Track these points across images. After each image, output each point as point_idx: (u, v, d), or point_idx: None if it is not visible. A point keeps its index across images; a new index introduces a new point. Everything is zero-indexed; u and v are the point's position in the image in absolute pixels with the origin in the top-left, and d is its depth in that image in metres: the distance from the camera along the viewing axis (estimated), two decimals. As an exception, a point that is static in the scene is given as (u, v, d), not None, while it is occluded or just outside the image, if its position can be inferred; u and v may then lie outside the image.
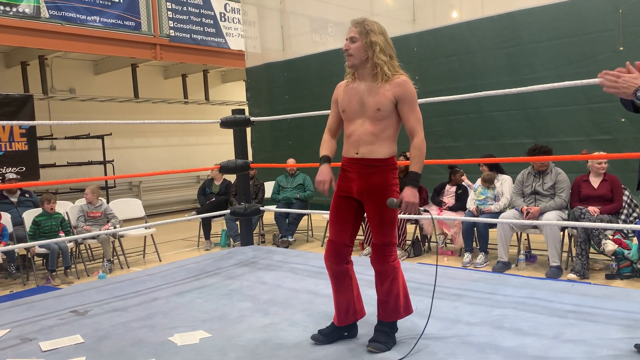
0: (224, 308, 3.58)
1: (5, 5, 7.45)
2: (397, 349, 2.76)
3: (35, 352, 2.96)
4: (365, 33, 2.71)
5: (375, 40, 2.70)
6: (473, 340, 2.81)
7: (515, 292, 3.57)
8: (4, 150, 7.90)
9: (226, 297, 3.83)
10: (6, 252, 5.66)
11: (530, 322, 3.00)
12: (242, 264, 4.87)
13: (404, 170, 6.22)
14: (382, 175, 2.72)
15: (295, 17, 9.50)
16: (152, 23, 9.24)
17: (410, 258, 5.97)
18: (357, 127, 2.75)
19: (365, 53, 2.70)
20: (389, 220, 2.72)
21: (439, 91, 6.22)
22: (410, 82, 2.74)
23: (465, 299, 3.51)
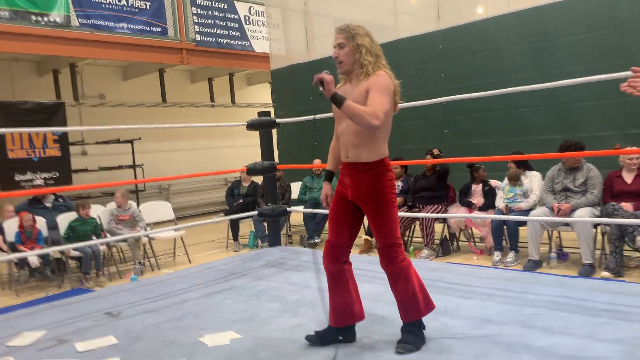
0: (253, 309, 3.61)
1: (37, 15, 7.66)
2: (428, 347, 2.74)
3: (71, 353, 3.03)
4: (352, 37, 2.74)
5: (362, 42, 2.73)
6: (504, 339, 2.77)
7: (547, 290, 3.51)
8: (39, 157, 8.14)
9: (255, 298, 3.86)
10: (42, 256, 5.82)
11: (562, 322, 2.95)
12: (270, 264, 4.90)
13: (431, 168, 6.18)
14: (370, 179, 2.70)
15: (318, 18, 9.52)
16: (178, 28, 9.38)
17: (438, 257, 5.92)
18: (344, 129, 2.79)
19: (353, 56, 2.73)
20: (387, 222, 2.71)
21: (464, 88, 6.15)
22: (387, 76, 2.70)
23: (495, 298, 3.47)
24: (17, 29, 7.47)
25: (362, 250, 6.39)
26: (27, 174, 7.99)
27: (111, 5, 8.45)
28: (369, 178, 2.70)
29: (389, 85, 2.68)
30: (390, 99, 2.68)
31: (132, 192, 10.14)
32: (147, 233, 6.18)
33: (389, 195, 2.71)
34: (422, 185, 6.19)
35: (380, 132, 2.69)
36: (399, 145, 7.34)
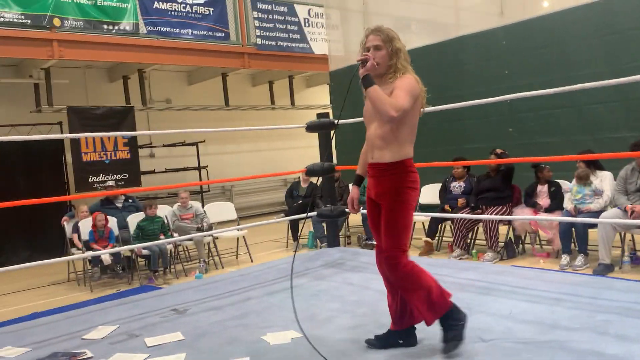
0: (313, 308, 3.64)
1: (108, 24, 8.06)
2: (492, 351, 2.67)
3: (141, 347, 3.17)
4: (389, 40, 2.72)
5: (399, 46, 2.72)
6: (573, 346, 2.66)
7: (620, 296, 3.34)
8: (110, 159, 8.56)
9: (315, 298, 3.89)
10: (114, 254, 6.11)
11: (638, 329, 2.80)
12: (329, 265, 4.93)
13: (495, 168, 6.01)
14: (391, 178, 2.70)
15: (378, 17, 9.47)
16: (240, 33, 9.59)
17: (503, 260, 5.75)
18: (371, 132, 2.79)
19: (390, 60, 2.71)
20: (398, 223, 2.67)
21: (529, 85, 5.96)
22: (413, 79, 2.67)
23: (564, 303, 3.33)
24: (91, 37, 7.89)
25: (422, 252, 6.31)
26: (99, 175, 8.43)
27: (176, 12, 8.77)
28: (389, 177, 2.71)
29: (415, 87, 2.66)
30: (413, 99, 2.64)
31: (197, 193, 10.47)
32: (212, 232, 6.37)
33: (406, 196, 2.68)
34: (485, 186, 6.04)
35: (404, 133, 2.69)
36: (461, 145, 7.19)
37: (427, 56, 7.79)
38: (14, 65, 8.77)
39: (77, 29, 7.77)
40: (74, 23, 7.74)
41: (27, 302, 5.73)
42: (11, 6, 7.20)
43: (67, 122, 8.42)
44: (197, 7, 9.01)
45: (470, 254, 6.00)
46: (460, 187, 6.38)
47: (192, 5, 8.94)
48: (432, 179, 7.01)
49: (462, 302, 3.44)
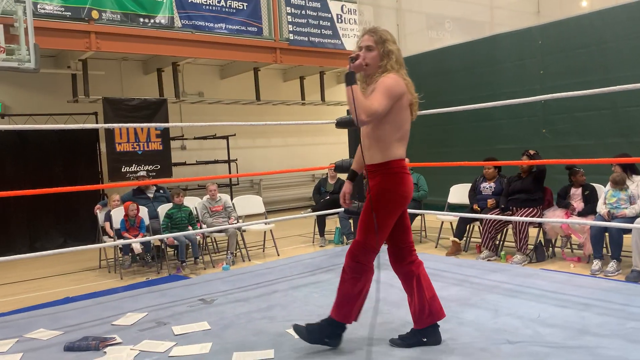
0: (339, 304, 3.65)
1: (145, 18, 8.20)
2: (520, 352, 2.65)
3: (169, 335, 3.24)
4: (382, 42, 2.71)
5: (392, 48, 2.70)
6: (602, 352, 2.61)
7: (653, 304, 3.26)
8: (143, 150, 8.72)
9: (341, 294, 3.90)
10: (144, 243, 6.24)
11: (670, 339, 2.73)
12: (356, 261, 4.93)
13: (527, 170, 5.92)
14: (376, 180, 2.71)
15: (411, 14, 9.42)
16: (273, 28, 9.64)
17: (532, 263, 5.66)
18: (362, 132, 2.81)
19: (380, 61, 2.70)
20: (371, 223, 2.70)
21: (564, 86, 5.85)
22: (394, 78, 2.65)
23: (594, 309, 3.27)
24: (127, 30, 8.04)
25: (449, 252, 6.26)
26: (132, 166, 8.60)
27: (211, 7, 8.86)
28: (377, 178, 2.72)
29: (394, 86, 2.63)
30: (390, 100, 2.61)
31: (226, 186, 10.58)
32: (240, 225, 6.44)
33: (387, 199, 2.68)
34: (516, 187, 5.94)
35: (388, 133, 2.68)
36: (492, 145, 7.10)
37: (459, 55, 7.71)
38: (53, 56, 9.01)
39: (114, 22, 7.93)
40: (111, 16, 7.90)
41: (61, 286, 5.89)
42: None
43: (102, 113, 8.61)
44: (231, 2, 9.09)
45: (499, 256, 5.92)
46: (490, 188, 6.30)
47: (227, 0, 9.03)
48: (461, 179, 6.95)
49: (489, 304, 3.42)
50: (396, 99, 2.64)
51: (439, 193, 7.22)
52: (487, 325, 3.04)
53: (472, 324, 3.10)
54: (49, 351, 3.07)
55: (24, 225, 8.29)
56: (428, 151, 7.99)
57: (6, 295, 5.63)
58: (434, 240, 7.12)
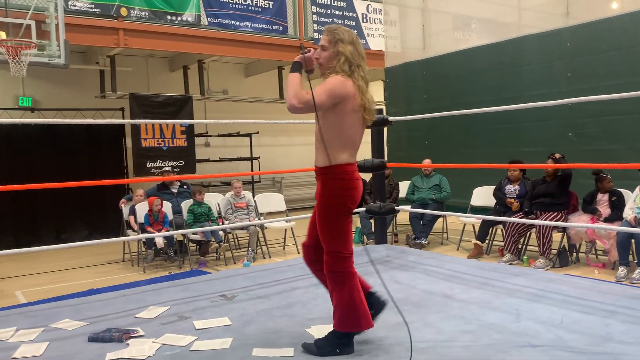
0: (359, 303, 3.65)
1: (172, 15, 8.31)
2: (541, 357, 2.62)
3: (190, 329, 3.28)
4: (334, 42, 2.70)
5: (342, 50, 2.68)
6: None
7: (680, 313, 3.19)
8: (167, 146, 8.84)
9: (361, 293, 3.90)
10: (167, 237, 6.32)
11: (697, 349, 2.68)
12: (376, 261, 4.93)
13: (552, 173, 5.84)
14: (323, 184, 2.72)
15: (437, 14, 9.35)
16: (298, 27, 9.67)
17: (555, 268, 5.59)
18: (315, 135, 2.79)
19: (331, 62, 2.70)
20: (330, 230, 2.70)
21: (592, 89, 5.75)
22: (338, 78, 2.64)
23: (618, 316, 3.22)
24: (154, 27, 8.15)
25: (471, 255, 6.21)
26: (156, 161, 8.72)
27: (237, 5, 8.93)
28: (320, 182, 2.73)
29: (338, 86, 2.62)
30: (330, 98, 2.60)
31: (248, 183, 10.66)
32: (261, 222, 6.49)
33: (334, 205, 2.68)
34: (541, 191, 5.87)
35: (331, 136, 2.66)
36: (517, 148, 7.02)
37: (485, 56, 7.63)
38: (82, 52, 9.17)
39: (142, 19, 8.04)
40: (139, 13, 8.01)
41: (85, 278, 6.00)
42: (83, -5, 7.54)
43: (128, 109, 8.74)
44: (258, 1, 9.15)
45: (521, 260, 5.86)
46: (515, 191, 6.23)
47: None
48: (484, 181, 6.88)
49: (511, 308, 3.39)
50: (336, 100, 2.62)
51: (461, 195, 7.16)
52: (508, 328, 3.01)
53: (494, 327, 3.08)
54: (74, 341, 3.13)
55: (51, 217, 8.46)
56: (451, 152, 7.93)
57: (32, 286, 5.76)
58: (455, 242, 7.07)
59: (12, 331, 3.30)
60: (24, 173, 8.14)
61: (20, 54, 6.49)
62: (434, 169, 7.27)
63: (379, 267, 4.74)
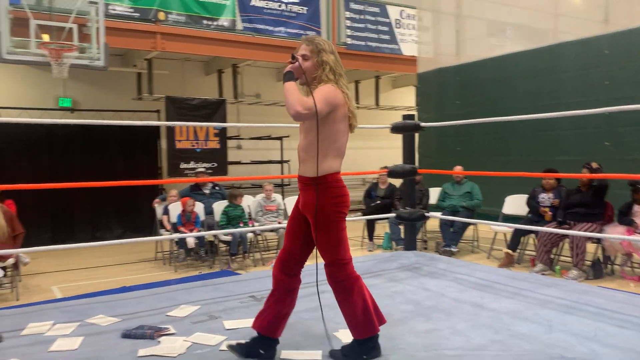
0: (387, 308, 3.65)
1: (208, 20, 8.46)
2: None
3: (220, 329, 3.32)
4: (317, 52, 2.68)
5: (326, 59, 2.67)
6: (662, 377, 2.51)
7: None
8: (201, 148, 8.99)
9: (389, 298, 3.90)
10: (198, 238, 6.42)
11: None
12: (405, 268, 4.91)
13: (587, 183, 5.72)
14: (313, 195, 2.65)
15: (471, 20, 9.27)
16: (331, 32, 9.72)
17: (589, 280, 5.47)
18: (299, 143, 2.77)
19: (315, 72, 2.68)
20: (328, 240, 2.67)
21: (631, 98, 5.61)
22: (330, 87, 2.62)
23: (654, 331, 3.13)
24: (191, 32, 8.31)
25: (502, 264, 6.12)
26: (190, 163, 8.88)
27: (272, 10, 9.03)
28: (312, 193, 2.65)
29: (332, 95, 2.60)
30: (327, 106, 2.58)
31: (278, 186, 10.74)
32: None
33: (331, 213, 2.64)
34: (575, 201, 5.75)
35: (324, 146, 2.62)
36: (552, 156, 6.91)
37: (521, 62, 7.53)
38: (121, 55, 9.41)
39: (179, 23, 8.21)
40: (177, 17, 8.19)
41: (118, 275, 6.15)
42: (122, 0, 7.74)
43: (164, 111, 8.92)
44: (292, 6, 9.23)
45: (553, 270, 5.75)
46: (549, 199, 6.12)
47: (287, 4, 9.18)
48: (517, 189, 6.78)
49: (542, 319, 3.33)
50: (331, 108, 2.61)
51: (493, 203, 7.08)
52: (540, 339, 2.96)
53: (525, 337, 3.04)
54: (107, 337, 3.21)
55: (87, 215, 8.69)
56: (484, 160, 7.85)
57: (68, 281, 5.93)
58: (486, 250, 6.98)
59: (49, 325, 3.41)
60: (63, 172, 8.40)
61: (62, 56, 6.71)
62: (465, 176, 7.20)
63: (408, 273, 4.71)
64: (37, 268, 6.56)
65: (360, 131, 11.01)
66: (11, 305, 4.75)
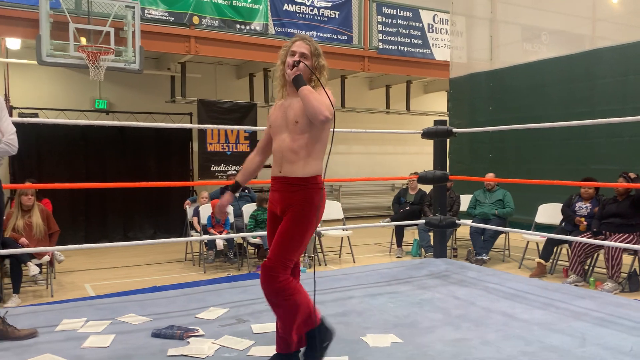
0: (415, 316, 3.62)
1: (241, 24, 8.56)
2: None
3: (248, 333, 3.34)
4: (317, 55, 2.68)
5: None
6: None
7: None
8: (231, 151, 9.08)
9: (417, 306, 3.87)
10: (227, 240, 6.49)
11: None
12: (434, 275, 4.86)
13: (624, 193, 5.57)
14: (301, 194, 2.58)
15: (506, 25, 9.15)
16: (363, 36, 9.72)
17: (624, 293, 5.31)
18: (280, 143, 2.65)
19: (311, 73, 2.64)
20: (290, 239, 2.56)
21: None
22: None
23: (694, 348, 3.02)
24: (224, 36, 8.42)
25: (534, 273, 6.00)
26: (220, 165, 8.99)
27: (304, 15, 9.08)
28: (299, 193, 2.59)
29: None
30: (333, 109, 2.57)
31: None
32: (318, 230, 6.54)
33: (311, 214, 2.57)
34: (611, 211, 5.60)
35: (317, 148, 2.61)
36: (587, 164, 6.75)
37: (556, 69, 7.39)
38: (155, 58, 9.60)
39: (212, 27, 8.33)
40: (210, 22, 8.31)
41: (149, 275, 6.25)
42: (158, 4, 7.89)
43: (196, 113, 9.05)
44: (324, 10, 9.27)
45: (587, 282, 5.61)
46: (586, 208, 5.97)
47: (320, 9, 9.22)
48: (550, 198, 6.64)
49: (575, 331, 3.26)
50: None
51: (525, 211, 6.95)
52: (573, 352, 2.90)
53: (557, 350, 2.97)
54: (138, 335, 3.27)
55: (120, 215, 8.87)
56: (517, 167, 7.72)
57: (100, 280, 6.06)
58: (517, 260, 6.85)
59: (82, 322, 3.49)
60: (98, 172, 8.59)
61: (99, 59, 6.89)
62: (497, 184, 7.09)
63: (437, 281, 4.67)
64: (71, 266, 6.72)
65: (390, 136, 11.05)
66: (46, 302, 4.87)
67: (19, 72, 8.63)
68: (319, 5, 9.21)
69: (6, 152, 3.08)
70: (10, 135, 3.08)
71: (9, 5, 7.02)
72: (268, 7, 8.76)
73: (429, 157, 5.57)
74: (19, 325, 3.26)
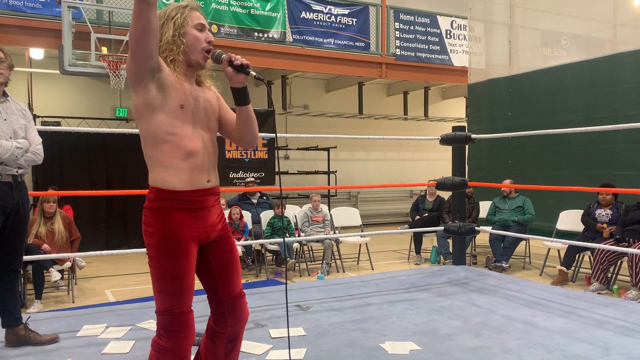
0: (434, 323, 3.59)
1: (259, 32, 8.62)
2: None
3: (266, 337, 3.35)
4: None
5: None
6: None
7: None
8: (250, 158, 9.14)
9: (436, 313, 3.84)
10: (245, 246, 6.51)
11: None
12: (454, 283, 4.82)
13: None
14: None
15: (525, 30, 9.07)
16: (380, 43, 9.73)
17: (649, 301, 5.20)
18: (199, 148, 2.09)
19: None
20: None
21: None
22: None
23: None
24: (242, 44, 8.49)
25: (555, 281, 5.91)
26: (239, 172, 9.04)
27: (321, 22, 9.13)
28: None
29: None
30: None
31: (324, 197, 10.78)
32: (337, 236, 6.54)
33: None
34: (635, 218, 5.50)
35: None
36: (608, 170, 6.64)
37: (576, 73, 7.30)
38: (176, 66, 9.70)
39: (231, 36, 8.41)
40: (229, 30, 8.39)
41: (168, 281, 6.28)
42: (177, 14, 8.00)
43: (214, 121, 9.12)
44: (341, 18, 9.30)
45: (611, 290, 5.50)
46: (606, 215, 5.87)
47: (337, 16, 9.25)
48: (571, 204, 6.55)
49: (598, 340, 3.20)
50: None
51: (546, 218, 6.85)
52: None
53: (579, 359, 2.91)
54: (158, 340, 3.29)
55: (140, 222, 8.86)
56: (537, 173, 7.62)
57: (120, 285, 6.12)
58: (538, 267, 6.76)
59: (103, 327, 3.52)
60: (118, 179, 8.69)
61: (120, 68, 6.99)
62: (517, 190, 7.01)
63: (457, 288, 4.63)
64: (92, 272, 6.80)
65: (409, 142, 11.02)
66: (67, 307, 4.94)
67: (42, 81, 8.80)
68: (336, 12, 9.25)
69: (33, 161, 3.21)
70: (37, 145, 3.23)
71: (33, 17, 7.17)
72: (286, 15, 8.82)
73: (447, 164, 5.54)
74: (41, 330, 3.31)
